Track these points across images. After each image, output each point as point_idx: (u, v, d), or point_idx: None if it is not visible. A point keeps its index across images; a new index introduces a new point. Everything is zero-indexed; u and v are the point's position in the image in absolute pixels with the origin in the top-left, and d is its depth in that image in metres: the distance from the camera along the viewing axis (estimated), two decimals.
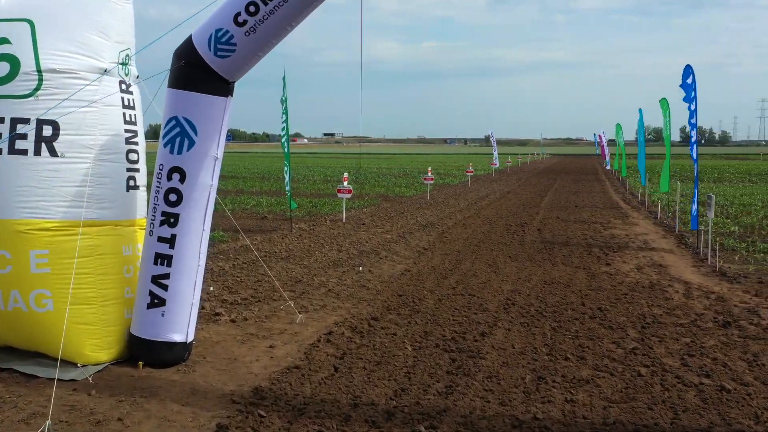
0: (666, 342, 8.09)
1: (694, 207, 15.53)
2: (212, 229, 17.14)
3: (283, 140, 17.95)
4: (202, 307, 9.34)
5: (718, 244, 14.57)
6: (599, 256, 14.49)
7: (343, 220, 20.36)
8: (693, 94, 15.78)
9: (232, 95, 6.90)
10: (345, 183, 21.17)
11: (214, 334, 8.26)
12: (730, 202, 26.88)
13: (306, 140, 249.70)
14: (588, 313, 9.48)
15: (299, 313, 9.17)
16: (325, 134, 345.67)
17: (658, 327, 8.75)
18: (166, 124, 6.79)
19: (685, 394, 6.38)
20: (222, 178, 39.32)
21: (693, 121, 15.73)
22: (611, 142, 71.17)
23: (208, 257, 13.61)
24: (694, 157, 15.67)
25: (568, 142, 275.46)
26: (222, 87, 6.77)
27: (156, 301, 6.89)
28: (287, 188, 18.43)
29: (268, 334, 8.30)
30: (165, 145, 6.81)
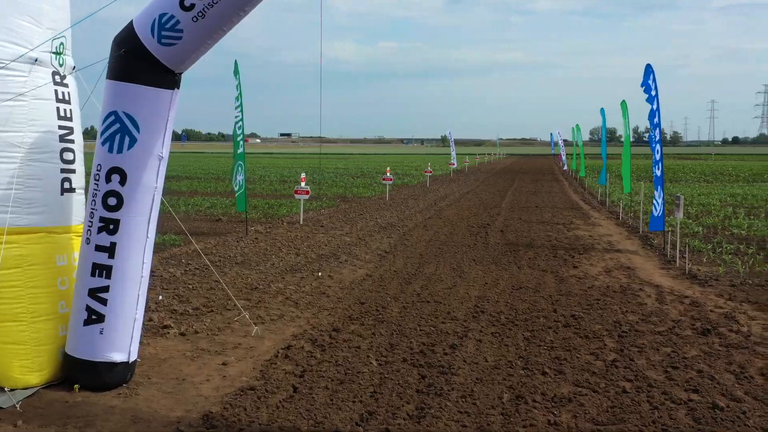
0: (646, 352, 7.63)
1: (660, 208, 15.20)
2: (163, 232, 16.45)
3: (238, 137, 17.21)
4: (149, 319, 8.63)
5: (687, 246, 14.25)
6: (566, 259, 14.08)
7: (301, 222, 19.69)
8: (654, 93, 15.49)
9: (178, 88, 6.23)
10: (302, 184, 20.51)
11: (162, 350, 7.56)
12: (689, 202, 26.81)
13: (259, 140, 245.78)
14: (561, 320, 9.00)
15: (255, 324, 8.51)
16: (282, 134, 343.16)
17: (635, 336, 8.30)
18: (105, 120, 6.10)
19: (676, 413, 5.89)
20: (176, 179, 38.38)
21: (656, 120, 15.41)
22: (567, 143, 71.56)
23: (158, 263, 12.89)
24: (658, 158, 15.34)
25: (524, 142, 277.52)
26: (167, 78, 6.10)
27: (94, 317, 6.19)
28: (238, 188, 17.67)
29: (220, 349, 7.62)
30: (103, 143, 6.11)
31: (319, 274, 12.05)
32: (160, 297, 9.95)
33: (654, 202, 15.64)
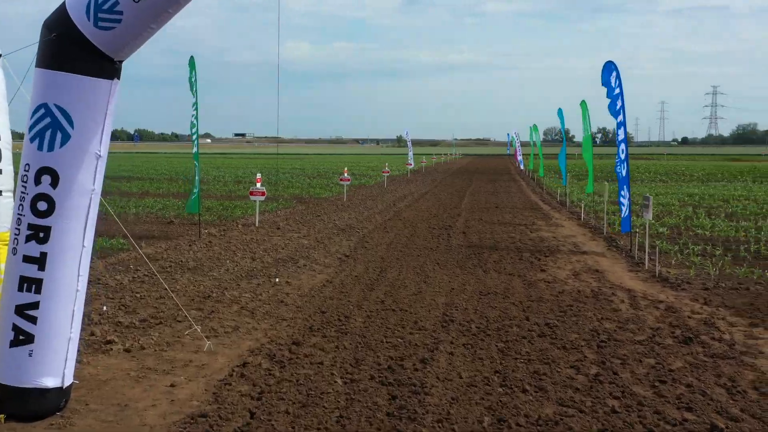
0: (629, 364, 7.15)
1: (626, 208, 14.84)
2: (110, 236, 15.59)
3: (193, 136, 16.43)
4: (91, 334, 7.90)
5: (657, 248, 13.90)
6: (532, 262, 13.62)
7: (257, 225, 18.96)
8: (618, 90, 15.07)
9: (119, 78, 5.53)
10: (258, 185, 19.78)
11: (103, 370, 6.84)
12: (642, 202, 26.65)
13: (209, 141, 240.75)
14: (535, 330, 8.48)
15: (207, 338, 7.82)
16: (236, 134, 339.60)
17: (615, 346, 7.81)
18: (34, 113, 5.38)
19: None
20: (126, 179, 37.15)
21: (620, 118, 15.01)
22: (524, 143, 71.74)
23: (104, 269, 12.08)
24: (623, 157, 14.97)
25: (479, 142, 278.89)
26: (105, 67, 5.40)
27: (22, 338, 5.46)
28: (195, 189, 16.90)
29: (169, 368, 6.93)
30: (32, 140, 5.39)
31: (277, 280, 11.38)
32: (104, 308, 9.20)
33: (620, 202, 15.29)
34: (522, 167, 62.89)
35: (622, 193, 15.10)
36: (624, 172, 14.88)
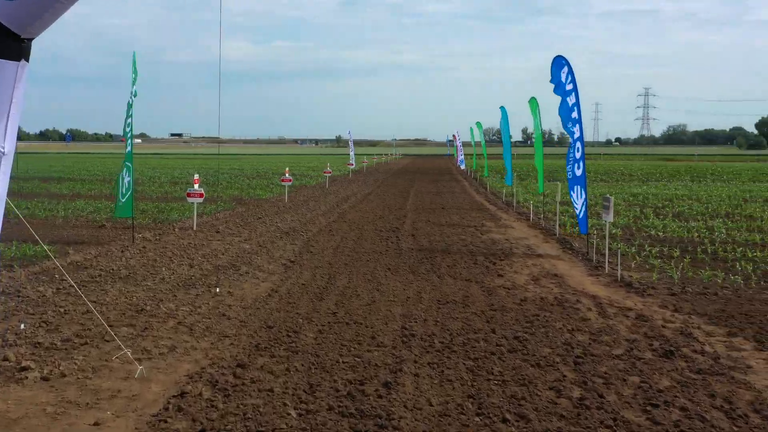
0: (613, 384, 6.49)
1: (582, 209, 14.30)
2: (34, 242, 14.37)
3: (127, 135, 15.33)
4: (4, 358, 6.91)
5: (618, 251, 13.40)
6: (487, 266, 12.97)
7: (194, 228, 17.92)
8: (572, 86, 14.50)
9: (26, 59, 4.59)
10: (196, 186, 18.73)
11: (15, 404, 5.85)
12: (595, 202, 26.43)
13: (140, 140, 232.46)
14: (504, 344, 7.78)
15: (139, 362, 6.88)
16: (173, 134, 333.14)
17: (593, 362, 7.16)
18: None
19: None
20: (56, 180, 35.40)
21: (575, 115, 14.45)
22: (465, 143, 71.65)
23: (26, 279, 10.91)
24: (578, 155, 14.43)
25: (418, 142, 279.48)
26: (11, 45, 4.46)
27: None
28: (125, 191, 15.79)
29: (93, 401, 5.97)
30: None
31: (217, 290, 10.47)
32: (23, 325, 8.16)
33: (574, 203, 14.76)
34: (464, 167, 62.66)
35: (576, 193, 14.56)
36: (579, 172, 14.34)
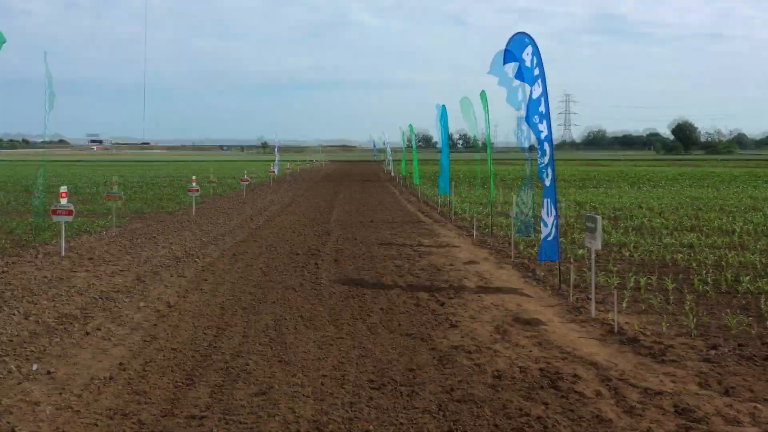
0: None
1: (552, 230, 11.13)
2: None
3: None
4: None
5: (615, 292, 10.26)
6: (434, 309, 9.68)
7: (62, 254, 14.12)
8: (539, 72, 11.24)
9: None
10: (63, 200, 14.92)
11: None
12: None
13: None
14: None
15: None
16: (92, 141, 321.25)
17: None
18: None
19: None
20: None
21: (542, 108, 11.24)
22: (395, 147, 68.73)
23: None
24: (546, 161, 11.30)
25: (345, 148, 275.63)
26: None
27: None
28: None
29: None
30: None
31: (35, 368, 6.89)
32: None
33: (542, 221, 11.59)
34: (393, 173, 59.54)
35: (545, 209, 11.41)
36: (548, 181, 11.19)
